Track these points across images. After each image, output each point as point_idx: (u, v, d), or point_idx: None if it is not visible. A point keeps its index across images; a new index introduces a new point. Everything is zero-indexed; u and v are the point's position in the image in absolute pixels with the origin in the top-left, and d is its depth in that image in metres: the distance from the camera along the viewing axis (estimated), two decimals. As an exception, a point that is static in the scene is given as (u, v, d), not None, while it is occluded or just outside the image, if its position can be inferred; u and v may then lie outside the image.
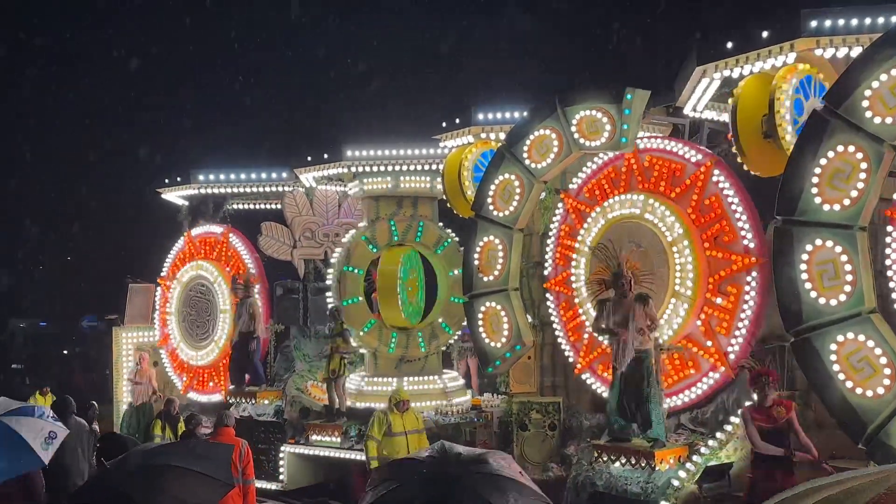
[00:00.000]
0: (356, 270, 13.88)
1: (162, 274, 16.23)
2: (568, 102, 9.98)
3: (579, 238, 10.35)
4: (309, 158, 13.84)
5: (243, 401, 14.26)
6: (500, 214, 10.85)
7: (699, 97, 9.54)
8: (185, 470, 5.14)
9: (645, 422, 9.20)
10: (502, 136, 11.29)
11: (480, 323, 11.01)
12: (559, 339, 11.02)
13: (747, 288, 9.12)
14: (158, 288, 16.19)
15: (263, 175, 15.45)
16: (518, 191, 10.66)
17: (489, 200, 10.90)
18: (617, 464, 9.33)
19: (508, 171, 10.69)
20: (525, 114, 10.66)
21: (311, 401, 13.91)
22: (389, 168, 13.38)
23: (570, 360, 10.94)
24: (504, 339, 10.83)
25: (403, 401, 10.39)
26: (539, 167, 10.45)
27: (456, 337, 14.52)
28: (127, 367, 15.67)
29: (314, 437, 13.20)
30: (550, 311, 11.07)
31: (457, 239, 14.02)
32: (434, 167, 13.34)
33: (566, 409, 11.15)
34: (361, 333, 13.74)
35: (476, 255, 11.06)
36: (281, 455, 13.40)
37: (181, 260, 16.07)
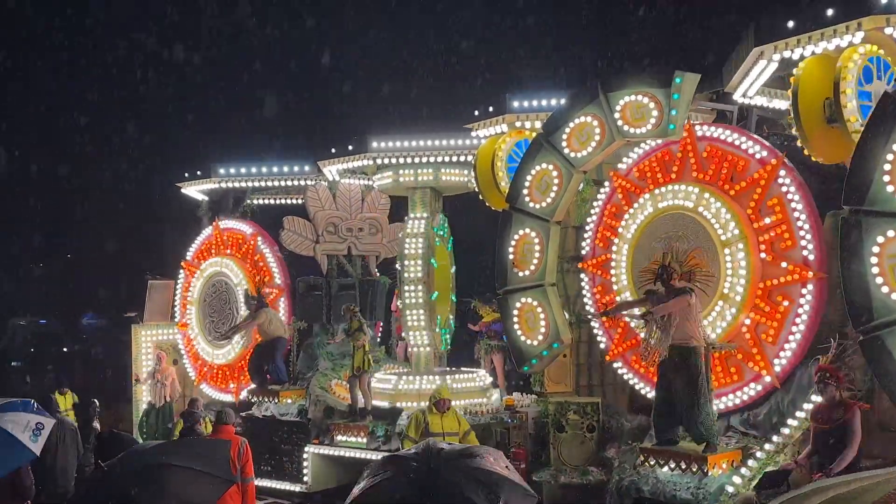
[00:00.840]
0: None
1: (188, 258, 15.73)
2: (611, 88, 9.39)
3: (623, 222, 9.80)
4: (333, 150, 13.28)
5: (266, 400, 13.76)
6: (537, 206, 10.28)
7: (752, 81, 8.93)
8: (184, 468, 5.09)
9: (694, 424, 8.63)
10: (538, 124, 10.72)
11: (515, 320, 10.44)
12: (593, 325, 10.46)
13: (801, 301, 8.58)
14: (182, 272, 15.68)
15: (286, 168, 14.92)
16: (556, 181, 10.08)
17: (525, 192, 10.33)
18: (665, 468, 8.75)
19: (546, 161, 10.11)
20: (564, 101, 10.08)
21: (335, 400, 13.39)
22: (417, 160, 12.81)
23: (602, 346, 10.43)
24: (541, 337, 10.26)
25: (443, 399, 9.77)
26: (579, 156, 9.87)
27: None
28: (146, 366, 15.18)
29: (339, 438, 12.68)
30: (584, 293, 10.50)
31: None
32: (463, 158, 12.79)
33: (605, 409, 10.59)
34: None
35: (510, 249, 10.49)
36: (305, 456, 12.88)
37: (206, 250, 15.57)
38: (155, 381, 14.83)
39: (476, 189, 11.43)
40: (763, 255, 8.81)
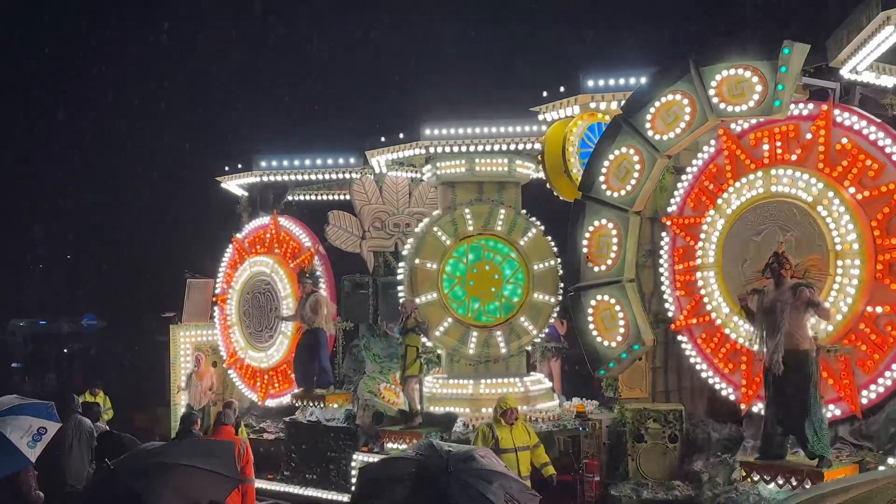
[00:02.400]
0: (429, 264, 12.35)
1: (217, 291, 14.85)
2: (705, 61, 8.34)
3: (726, 194, 8.81)
4: (383, 139, 12.30)
5: (310, 404, 12.81)
6: (615, 195, 9.25)
7: (869, 52, 7.84)
8: (192, 468, 5.04)
9: (806, 435, 7.57)
10: (614, 105, 9.69)
11: (590, 319, 9.40)
12: (662, 284, 9.43)
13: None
14: (216, 306, 14.81)
15: (330, 161, 13.99)
16: (637, 167, 9.04)
17: (601, 179, 9.29)
18: (771, 485, 7.69)
19: (626, 145, 9.08)
20: (647, 78, 9.03)
21: (384, 405, 12.40)
22: (470, 149, 11.81)
23: (671, 314, 9.45)
24: (619, 338, 9.21)
25: (511, 409, 8.65)
26: (664, 139, 8.83)
27: (541, 337, 12.90)
28: (185, 368, 14.30)
29: (390, 445, 11.67)
30: (662, 250, 9.44)
31: (542, 227, 12.37)
32: (518, 147, 11.77)
33: (688, 417, 9.54)
34: (437, 333, 12.19)
35: (584, 242, 9.46)
36: (353, 464, 11.89)
37: (232, 266, 14.68)
38: (193, 383, 13.95)
39: (544, 177, 10.39)
40: (879, 276, 7.82)
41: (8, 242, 33.61)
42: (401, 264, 12.65)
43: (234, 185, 14.71)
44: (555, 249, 12.16)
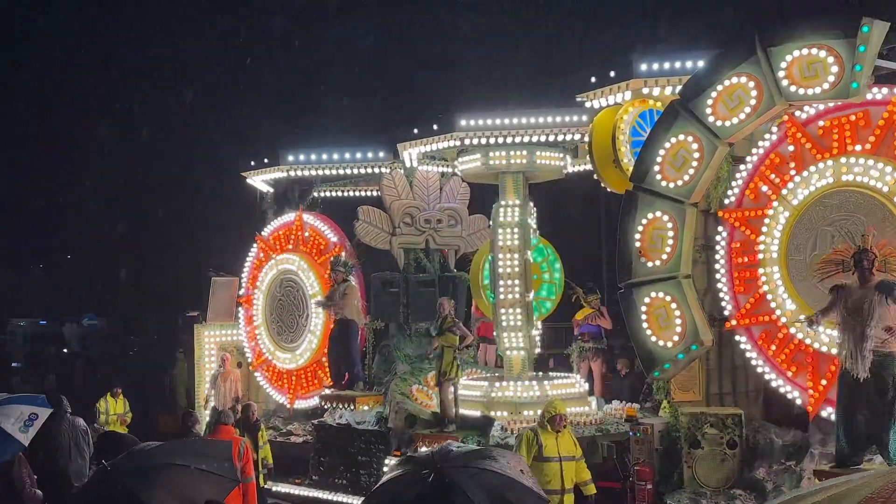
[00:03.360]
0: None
1: (241, 292, 14.32)
2: (773, 41, 7.73)
3: (792, 183, 8.17)
4: (416, 131, 11.72)
5: (339, 406, 12.25)
6: (671, 185, 8.63)
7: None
8: (188, 468, 4.99)
9: (885, 442, 6.94)
10: (668, 91, 9.08)
11: (644, 317, 8.78)
12: (717, 278, 8.81)
13: None
14: (240, 308, 14.29)
15: (359, 155, 13.42)
16: (696, 155, 8.42)
17: (656, 168, 8.68)
18: (850, 497, 7.04)
19: (683, 132, 8.46)
20: (708, 60, 8.42)
21: (417, 407, 11.81)
22: (510, 139, 11.22)
23: (727, 312, 8.84)
24: (676, 338, 8.59)
25: (560, 416, 8.07)
26: (726, 125, 8.22)
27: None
28: (209, 368, 13.77)
29: (424, 450, 11.11)
30: (718, 245, 8.82)
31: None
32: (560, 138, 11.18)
33: (748, 422, 8.91)
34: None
35: (637, 236, 8.85)
36: (385, 469, 11.31)
37: (257, 267, 14.15)
38: (219, 384, 13.42)
39: (592, 168, 9.77)
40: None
41: (8, 242, 33.35)
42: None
43: (260, 180, 14.18)
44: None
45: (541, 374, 12.05)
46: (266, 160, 13.72)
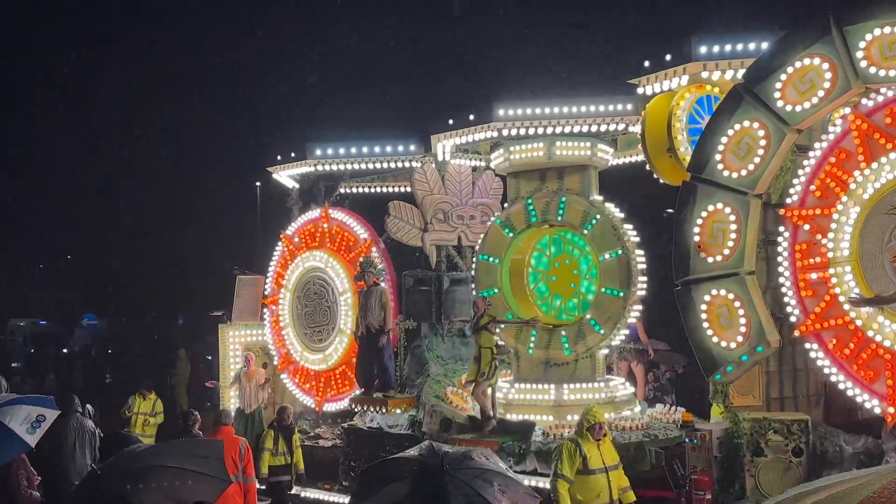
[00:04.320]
0: (491, 259, 11.25)
1: (266, 293, 13.82)
2: (851, 19, 7.15)
3: (861, 176, 7.56)
4: (451, 122, 11.18)
5: (371, 409, 11.73)
6: (733, 175, 8.05)
7: None
8: (178, 469, 4.97)
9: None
10: (729, 76, 8.50)
11: (704, 316, 8.20)
12: (782, 286, 8.15)
13: None
14: (266, 309, 13.78)
15: (389, 148, 12.90)
16: (762, 143, 7.84)
17: (717, 157, 8.10)
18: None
19: (748, 118, 7.89)
20: (776, 41, 7.83)
21: (452, 410, 11.26)
22: (550, 130, 10.67)
23: (794, 318, 8.14)
24: (739, 338, 8.02)
25: (599, 424, 7.48)
26: (796, 110, 7.63)
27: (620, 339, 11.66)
28: (234, 369, 13.27)
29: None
30: (780, 247, 8.19)
31: (613, 215, 11.04)
32: (607, 128, 10.62)
33: (814, 428, 8.32)
34: (498, 330, 11.01)
35: (696, 230, 8.27)
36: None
37: (283, 266, 13.62)
38: (243, 384, 12.91)
39: (645, 157, 9.19)
40: None
41: (8, 243, 33.13)
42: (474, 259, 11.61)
43: (286, 176, 13.68)
44: (635, 238, 10.91)
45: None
46: (293, 154, 13.21)
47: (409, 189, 13.62)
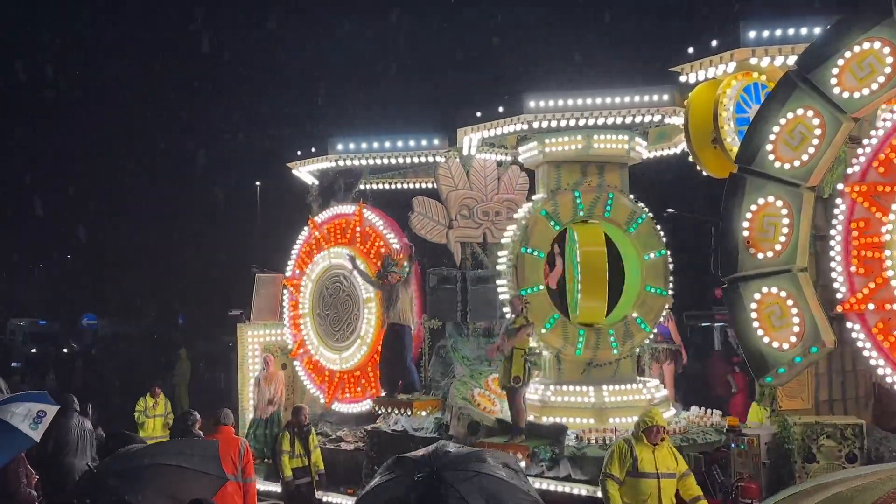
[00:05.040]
0: (536, 252, 10.81)
1: (287, 274, 13.43)
2: (916, -1, 6.71)
3: None
4: (479, 114, 10.76)
5: (394, 412, 11.33)
6: (785, 166, 7.61)
7: None
8: (174, 467, 4.96)
9: None
10: (779, 62, 8.07)
11: (754, 316, 7.76)
12: (832, 260, 7.68)
13: None
14: (286, 290, 13.40)
15: (412, 143, 12.49)
16: (817, 132, 7.40)
17: (768, 148, 7.65)
18: None
19: (802, 106, 7.44)
20: (832, 25, 7.39)
21: (480, 413, 10.86)
22: (582, 122, 10.26)
23: (840, 295, 7.64)
24: (793, 338, 7.57)
25: (657, 427, 7.14)
26: (854, 97, 7.19)
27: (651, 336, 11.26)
28: (253, 370, 12.89)
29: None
30: (835, 221, 7.69)
31: (651, 215, 10.87)
32: (643, 119, 10.20)
33: (869, 432, 7.88)
34: (543, 331, 10.65)
35: (745, 224, 7.83)
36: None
37: (307, 253, 13.22)
38: (262, 388, 12.54)
39: (688, 149, 8.76)
40: None
41: (8, 243, 32.99)
42: (500, 253, 11.17)
43: (306, 171, 13.29)
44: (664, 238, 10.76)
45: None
46: (313, 149, 12.81)
47: (427, 185, 13.28)
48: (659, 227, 10.69)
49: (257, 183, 30.30)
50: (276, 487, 11.57)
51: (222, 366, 21.65)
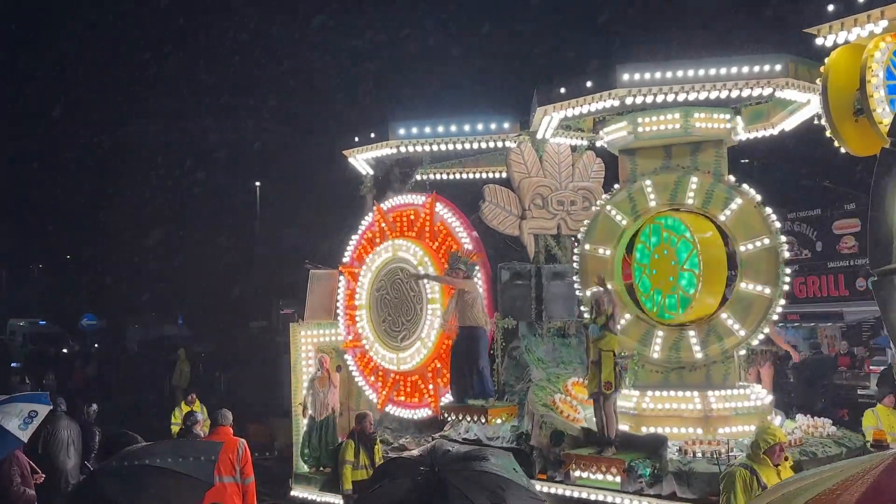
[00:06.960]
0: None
1: (345, 260, 12.40)
2: None
3: None
4: (562, 90, 9.54)
5: (466, 418, 10.25)
6: (955, 140, 6.41)
7: None
8: (166, 471, 4.97)
9: None
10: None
11: (914, 314, 6.57)
12: None
13: None
14: (341, 277, 12.36)
15: (480, 126, 11.36)
16: None
17: (932, 117, 6.46)
18: None
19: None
20: None
21: (563, 421, 9.74)
22: (683, 96, 9.07)
23: None
24: (967, 341, 6.38)
25: (780, 445, 6.30)
26: None
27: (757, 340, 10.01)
28: (307, 372, 11.85)
29: (578, 474, 9.04)
30: None
31: (757, 197, 9.47)
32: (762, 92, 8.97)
33: None
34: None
35: (902, 208, 6.63)
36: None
37: (370, 241, 12.16)
38: (316, 389, 11.50)
39: (826, 122, 7.53)
40: None
41: (8, 243, 32.64)
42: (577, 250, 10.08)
43: (363, 159, 12.21)
44: (776, 224, 9.39)
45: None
46: (372, 135, 11.73)
47: (487, 175, 12.24)
48: (768, 212, 9.34)
49: (257, 183, 29.80)
50: (334, 499, 10.63)
51: (222, 366, 21.32)
